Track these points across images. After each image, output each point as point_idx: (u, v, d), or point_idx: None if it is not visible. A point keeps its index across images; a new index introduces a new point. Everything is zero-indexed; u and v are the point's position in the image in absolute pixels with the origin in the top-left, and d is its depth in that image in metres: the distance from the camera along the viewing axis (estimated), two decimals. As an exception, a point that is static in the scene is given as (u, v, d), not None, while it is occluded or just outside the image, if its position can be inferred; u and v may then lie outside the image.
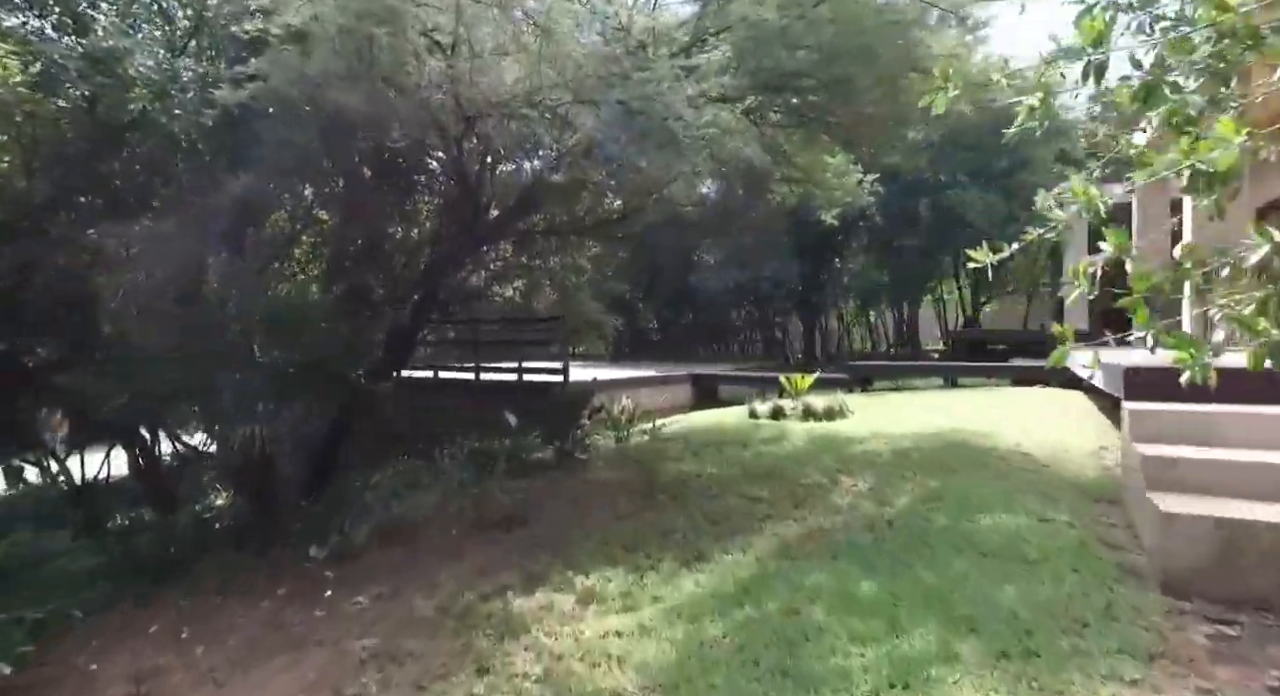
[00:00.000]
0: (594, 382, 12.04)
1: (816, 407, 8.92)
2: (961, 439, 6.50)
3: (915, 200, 17.39)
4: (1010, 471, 5.27)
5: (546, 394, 10.53)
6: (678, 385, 14.34)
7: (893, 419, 8.19)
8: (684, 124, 4.66)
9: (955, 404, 9.23)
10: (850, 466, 5.92)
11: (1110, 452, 5.96)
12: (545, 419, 9.25)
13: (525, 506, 6.09)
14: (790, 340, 24.75)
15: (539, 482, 7.10)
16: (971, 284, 23.16)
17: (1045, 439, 6.37)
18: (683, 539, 4.70)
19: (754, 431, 8.03)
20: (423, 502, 6.51)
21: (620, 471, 6.94)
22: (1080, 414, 8.09)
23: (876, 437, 6.97)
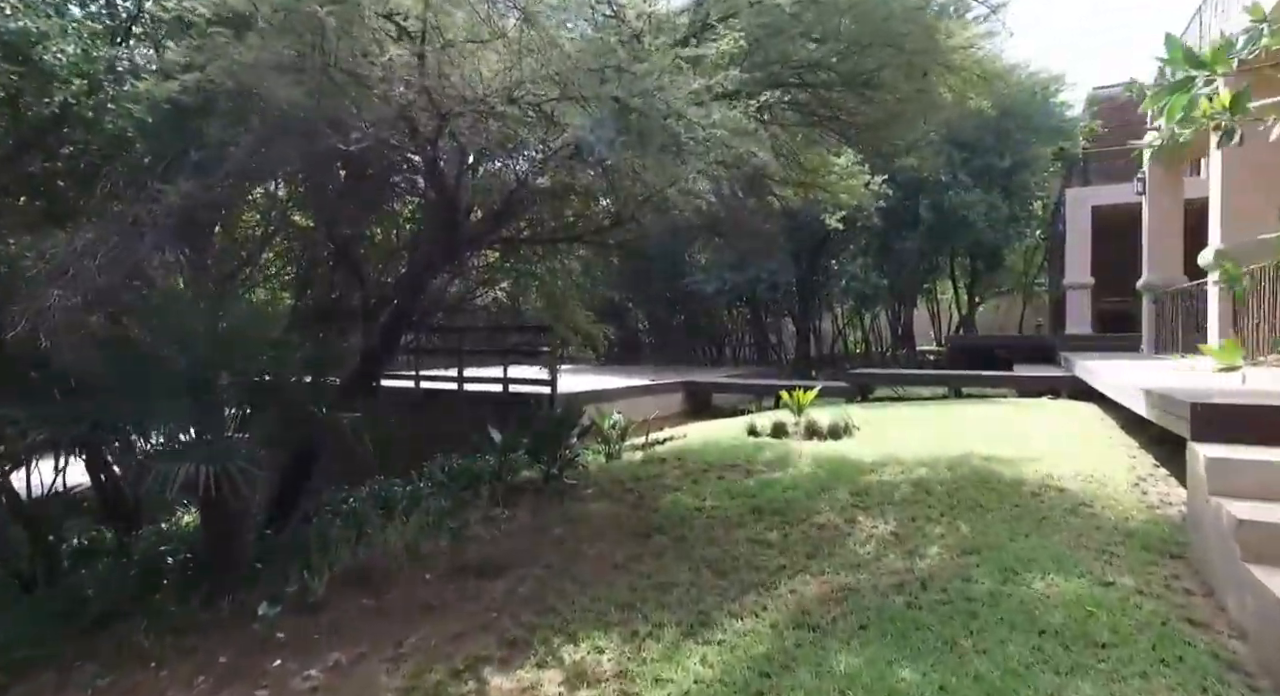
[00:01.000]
0: (581, 395, 11.44)
1: (821, 425, 8.37)
2: (983, 467, 5.96)
3: (915, 200, 16.87)
4: (1048, 512, 4.72)
5: (534, 407, 9.92)
6: (670, 393, 13.76)
7: (903, 438, 7.66)
8: (687, 123, 4.09)
9: (965, 420, 8.70)
10: (866, 501, 5.36)
11: (1152, 485, 5.44)
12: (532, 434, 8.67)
13: (508, 548, 5.50)
14: (785, 343, 24.23)
15: (524, 514, 6.52)
16: (968, 285, 22.73)
17: (1076, 467, 5.84)
18: (685, 596, 4.12)
19: (756, 453, 7.47)
20: (396, 539, 5.89)
21: (613, 502, 6.36)
22: (1103, 433, 7.57)
23: (890, 463, 6.42)
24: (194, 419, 4.96)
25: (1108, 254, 16.41)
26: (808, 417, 8.79)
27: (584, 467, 8.21)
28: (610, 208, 7.42)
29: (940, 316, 28.09)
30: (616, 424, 9.37)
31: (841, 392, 12.75)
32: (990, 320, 27.13)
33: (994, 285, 25.76)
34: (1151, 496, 5.16)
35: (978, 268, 21.49)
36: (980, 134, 17.10)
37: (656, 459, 7.88)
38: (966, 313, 23.26)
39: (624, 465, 7.92)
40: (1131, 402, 5.71)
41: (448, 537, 6.01)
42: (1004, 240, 17.32)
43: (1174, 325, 10.82)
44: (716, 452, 7.71)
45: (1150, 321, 12.18)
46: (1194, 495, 3.68)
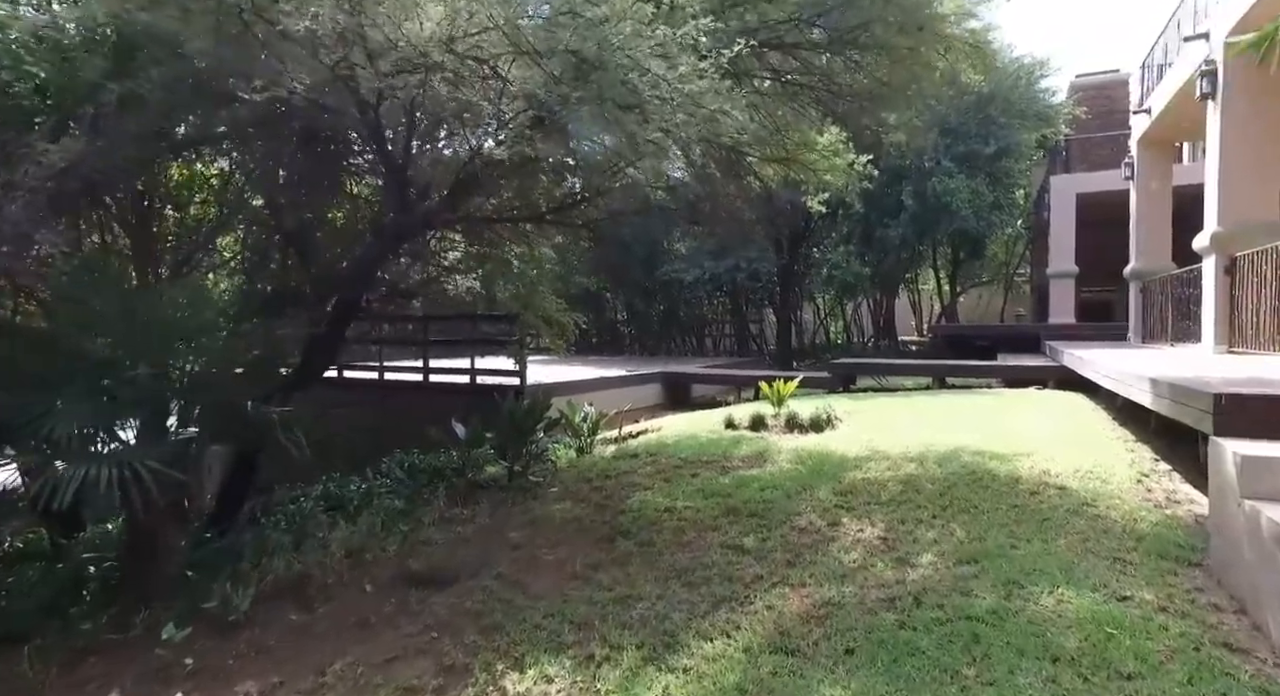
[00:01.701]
0: (553, 386, 10.95)
1: (802, 418, 7.95)
2: (975, 462, 5.55)
3: (898, 187, 16.51)
4: (1049, 514, 4.31)
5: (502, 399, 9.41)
6: (647, 384, 13.31)
7: (888, 431, 7.25)
8: (652, 79, 3.60)
9: (952, 412, 8.32)
10: (851, 502, 4.93)
11: (1156, 482, 5.06)
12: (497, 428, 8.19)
13: (459, 554, 5.01)
14: (766, 333, 23.85)
15: (483, 514, 6.03)
16: (950, 274, 22.46)
17: (1072, 462, 5.45)
18: (649, 612, 3.66)
19: (733, 448, 7.03)
20: (340, 544, 5.37)
21: (578, 502, 5.88)
22: (1096, 425, 7.21)
23: (875, 459, 6.00)
24: (104, 415, 4.41)
25: (1089, 243, 16.16)
26: (788, 410, 8.36)
27: (553, 463, 7.76)
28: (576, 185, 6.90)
29: (921, 306, 27.90)
30: (587, 417, 8.91)
31: (823, 383, 12.36)
32: (971, 310, 26.94)
33: (975, 275, 25.55)
34: (1157, 494, 4.78)
35: (960, 257, 21.21)
36: (965, 119, 16.77)
37: (628, 454, 7.43)
38: (948, 302, 23.01)
39: (593, 461, 7.46)
40: (1134, 394, 5.32)
41: (398, 541, 5.52)
42: (987, 228, 16.99)
43: (1163, 313, 10.52)
44: (691, 447, 7.26)
45: (1137, 309, 11.89)
46: (1220, 498, 3.28)
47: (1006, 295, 25.36)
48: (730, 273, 18.19)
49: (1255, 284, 7.25)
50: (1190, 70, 8.79)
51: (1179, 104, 9.69)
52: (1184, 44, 9.23)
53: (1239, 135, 7.67)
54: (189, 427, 5.18)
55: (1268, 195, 7.71)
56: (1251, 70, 7.64)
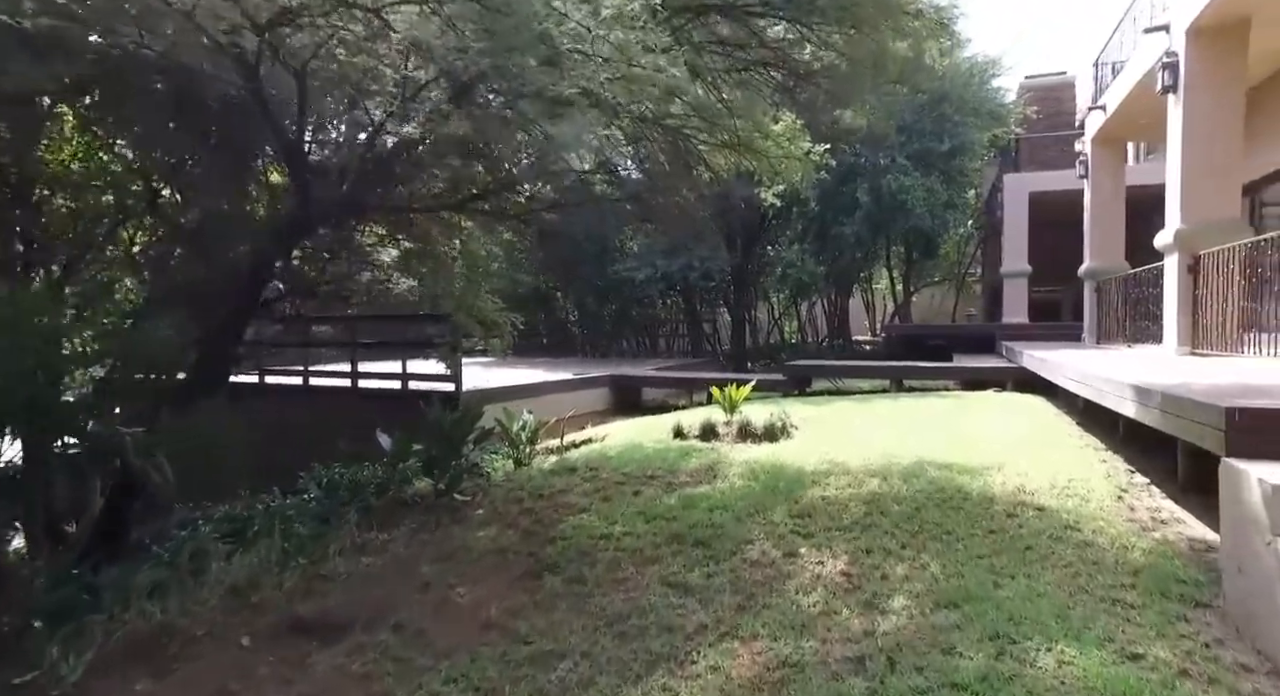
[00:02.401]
0: (492, 392, 10.22)
1: (755, 425, 7.41)
2: (943, 477, 5.06)
3: (853, 185, 16.19)
4: (1031, 541, 3.81)
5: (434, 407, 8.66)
6: (594, 388, 12.66)
7: (847, 440, 6.76)
8: (571, 30, 2.97)
9: (913, 417, 7.89)
10: (809, 526, 4.37)
11: (1137, 498, 4.63)
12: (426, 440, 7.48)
13: (361, 595, 4.29)
14: (721, 334, 23.38)
15: (398, 542, 5.31)
16: (903, 273, 22.34)
17: (1046, 476, 5.00)
18: (571, 674, 3.02)
19: (681, 460, 6.44)
20: (220, 583, 4.60)
21: (505, 527, 5.21)
22: (1063, 431, 6.85)
23: (835, 473, 5.47)
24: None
25: (1037, 243, 16.08)
26: (741, 416, 7.82)
27: (489, 476, 7.11)
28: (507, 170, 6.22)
29: (875, 306, 27.85)
30: (526, 425, 8.22)
31: (778, 386, 11.90)
32: (924, 310, 27.00)
33: (928, 275, 25.58)
34: (1140, 513, 4.34)
35: (913, 256, 21.09)
36: (919, 117, 16.56)
37: (566, 468, 6.79)
38: (902, 302, 22.91)
39: (529, 476, 6.79)
40: (1114, 402, 4.88)
41: (295, 576, 4.77)
42: (942, 226, 16.82)
43: (1119, 312, 10.31)
44: (636, 460, 6.65)
45: (1092, 309, 11.72)
46: (1240, 533, 2.79)
47: (958, 295, 25.43)
48: (683, 271, 17.64)
49: (1220, 283, 6.97)
50: (1149, 64, 8.54)
51: (1136, 99, 9.46)
52: (1142, 38, 8.99)
53: (1201, 129, 7.40)
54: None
55: (1230, 191, 7.45)
56: (1214, 62, 7.38)
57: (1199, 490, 4.74)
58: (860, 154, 17.04)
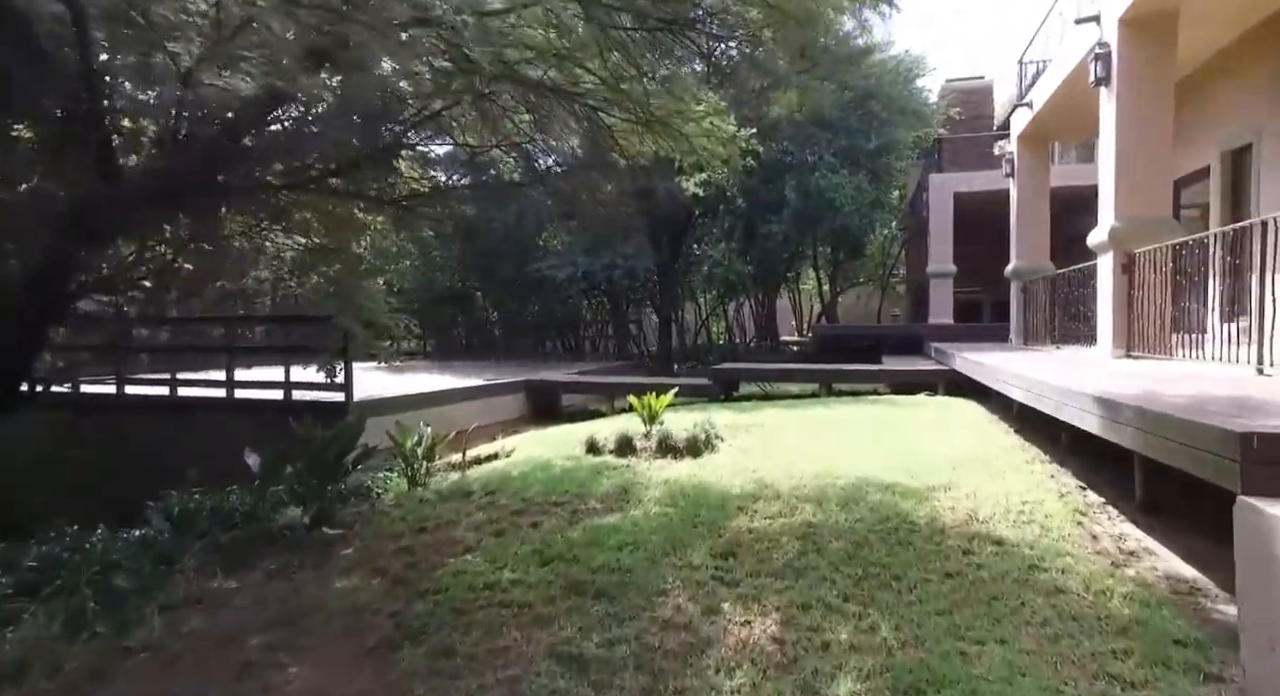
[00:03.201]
0: (390, 401, 9.20)
1: (677, 438, 6.69)
2: (886, 502, 4.44)
3: (780, 182, 15.77)
4: (995, 586, 3.19)
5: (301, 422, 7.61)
6: (508, 395, 11.73)
7: (777, 454, 6.12)
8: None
9: (847, 426, 7.34)
10: (735, 570, 3.65)
11: (1097, 523, 4.11)
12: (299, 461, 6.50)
13: (160, 685, 3.32)
14: (648, 335, 22.71)
15: (241, 595, 4.34)
16: (830, 274, 22.22)
17: (997, 497, 4.45)
18: (412, 813, 2.19)
19: (592, 481, 5.66)
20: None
21: (373, 573, 4.31)
22: (1003, 440, 6.40)
23: (764, 497, 4.79)
24: None
25: (960, 244, 16.05)
26: (661, 428, 7.10)
27: (378, 499, 6.23)
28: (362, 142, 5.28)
29: (802, 307, 27.78)
30: (422, 440, 7.28)
31: (704, 391, 11.26)
32: (849, 310, 27.10)
33: (853, 275, 25.63)
34: (1105, 542, 3.81)
35: (839, 256, 20.96)
36: (846, 114, 16.29)
37: (461, 492, 5.91)
38: (828, 302, 22.80)
39: (420, 500, 5.91)
40: (1075, 417, 4.35)
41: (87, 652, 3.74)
42: (869, 225, 16.63)
43: (1047, 313, 10.11)
44: (541, 481, 5.83)
45: (1019, 310, 11.55)
46: (1266, 591, 2.19)
47: (883, 296, 25.57)
48: (606, 270, 16.86)
49: (1156, 283, 6.67)
50: (1078, 57, 8.27)
51: (1065, 94, 9.23)
52: (1070, 31, 8.74)
53: (1135, 122, 7.11)
54: None
55: (1164, 187, 7.20)
56: (1146, 53, 7.10)
57: (1159, 511, 4.29)
58: (788, 151, 16.68)
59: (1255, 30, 7.45)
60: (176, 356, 9.64)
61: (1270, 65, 7.35)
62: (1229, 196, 8.14)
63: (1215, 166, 8.29)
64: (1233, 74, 8.04)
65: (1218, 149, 8.24)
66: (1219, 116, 8.23)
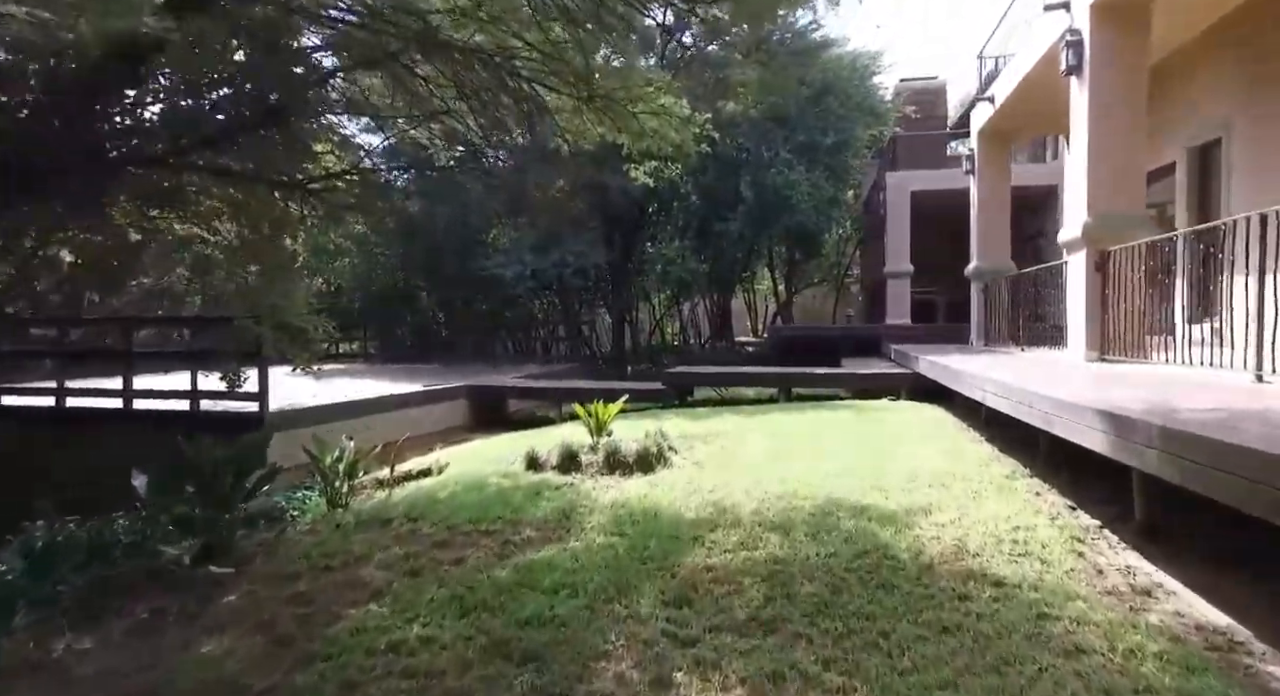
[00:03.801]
0: (315, 411, 8.37)
1: (627, 452, 6.08)
2: (862, 531, 3.89)
3: (736, 178, 15.29)
4: (1004, 644, 2.64)
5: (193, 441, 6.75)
6: (449, 401, 10.95)
7: (737, 470, 5.56)
8: None
9: (811, 436, 6.82)
10: (690, 625, 3.03)
11: (1098, 553, 3.63)
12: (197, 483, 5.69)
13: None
14: (601, 336, 22.02)
15: (92, 659, 3.54)
16: (785, 273, 21.88)
17: (984, 523, 3.95)
18: None
19: (529, 504, 5.01)
20: None
21: (254, 629, 3.56)
22: (973, 450, 5.95)
23: (723, 524, 4.21)
24: None
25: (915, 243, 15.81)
26: (610, 439, 6.50)
27: (291, 522, 5.53)
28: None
29: (757, 307, 27.47)
30: (344, 456, 6.51)
31: (657, 396, 10.66)
32: (804, 310, 26.86)
33: (808, 275, 25.39)
34: (1113, 578, 3.32)
35: (795, 256, 20.63)
36: (803, 110, 15.91)
37: (380, 518, 5.21)
38: (784, 302, 22.47)
39: (335, 528, 5.17)
40: (1075, 433, 3.86)
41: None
42: (826, 223, 16.27)
43: (1011, 314, 9.80)
44: (472, 504, 5.16)
45: (980, 310, 11.25)
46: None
47: (837, 296, 25.38)
48: (556, 268, 16.13)
49: (1132, 283, 6.31)
50: (1045, 46, 7.93)
51: (1029, 87, 8.90)
52: (1037, 19, 8.40)
53: (1109, 113, 6.75)
54: None
55: (1138, 182, 6.86)
56: (1120, 40, 6.75)
57: (1160, 534, 3.83)
58: (744, 147, 16.24)
59: (1228, 18, 7.17)
60: (68, 362, 8.59)
61: (1241, 53, 7.08)
62: (1195, 195, 7.89)
63: (1180, 164, 8.04)
64: (1200, 66, 7.79)
65: (1183, 145, 7.99)
66: (1184, 112, 7.97)
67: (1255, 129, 6.91)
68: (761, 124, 16.12)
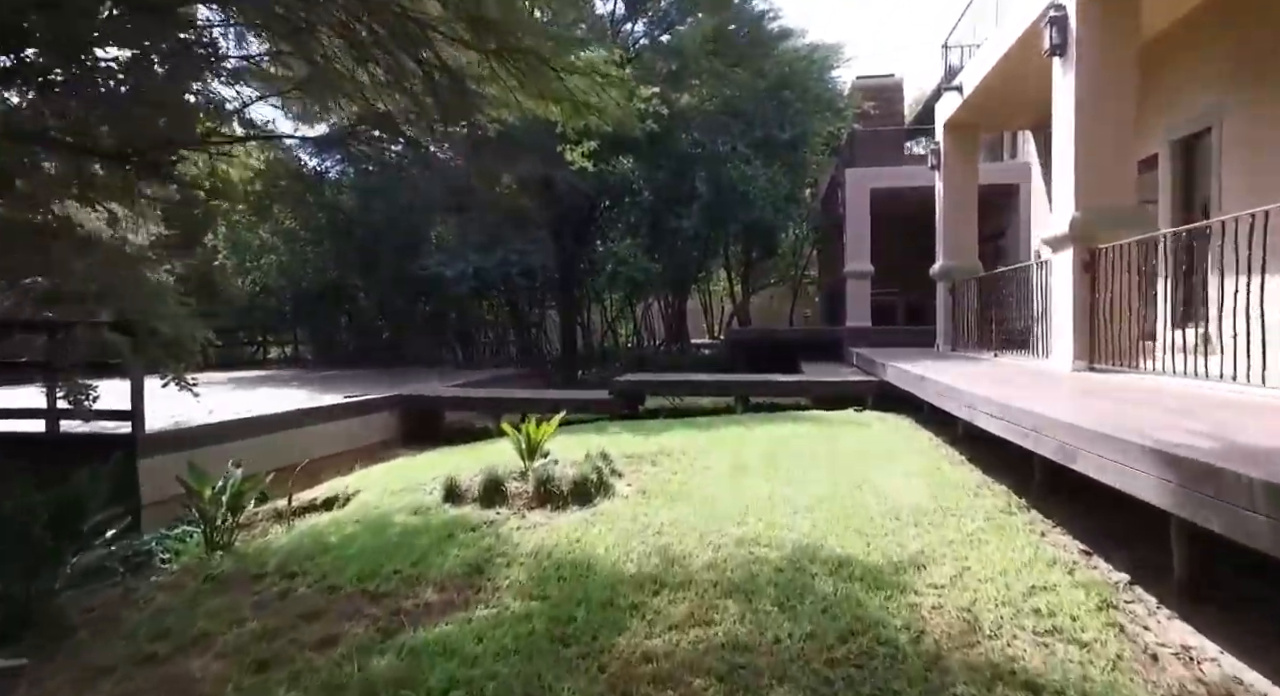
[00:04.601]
0: (206, 430, 7.27)
1: (561, 481, 5.18)
2: (843, 598, 3.08)
3: (690, 173, 14.51)
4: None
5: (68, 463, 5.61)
6: (375, 413, 9.89)
7: (687, 503, 4.72)
8: None
9: (771, 457, 6.01)
10: (619, 759, 2.16)
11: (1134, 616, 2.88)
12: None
13: None
14: (551, 339, 20.99)
15: None
16: (742, 273, 21.22)
17: (991, 579, 3.19)
18: None
19: (435, 552, 4.10)
20: None
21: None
22: (959, 477, 5.22)
23: (669, 582, 3.36)
24: None
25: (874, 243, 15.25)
26: (544, 462, 5.62)
27: (163, 567, 4.57)
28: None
29: (713, 308, 26.83)
30: (231, 486, 5.49)
31: (605, 406, 9.78)
32: (761, 311, 26.31)
33: (765, 276, 24.81)
34: (1177, 670, 2.57)
35: (752, 256, 19.97)
36: (760, 103, 15.21)
37: (252, 571, 4.22)
38: (741, 303, 21.82)
39: (204, 580, 4.23)
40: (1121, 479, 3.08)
41: None
42: (783, 221, 15.60)
43: (983, 318, 9.19)
44: (366, 552, 4.23)
45: (946, 313, 10.65)
46: None
47: (795, 297, 24.88)
48: (501, 268, 15.11)
49: (1126, 284, 5.68)
50: (1023, 27, 7.30)
51: (1003, 73, 8.28)
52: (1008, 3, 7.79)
53: (1097, 95, 6.12)
54: None
55: (1130, 173, 6.25)
56: (1111, 16, 6.12)
57: (1204, 593, 3.11)
58: (699, 142, 15.48)
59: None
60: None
61: (1236, 34, 6.52)
62: (1179, 191, 7.35)
63: (1163, 157, 7.49)
64: (1187, 50, 7.22)
65: (1166, 137, 7.44)
66: (1168, 100, 7.42)
67: (1250, 119, 6.36)
68: (717, 117, 15.39)
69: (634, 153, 15.34)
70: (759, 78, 15.40)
